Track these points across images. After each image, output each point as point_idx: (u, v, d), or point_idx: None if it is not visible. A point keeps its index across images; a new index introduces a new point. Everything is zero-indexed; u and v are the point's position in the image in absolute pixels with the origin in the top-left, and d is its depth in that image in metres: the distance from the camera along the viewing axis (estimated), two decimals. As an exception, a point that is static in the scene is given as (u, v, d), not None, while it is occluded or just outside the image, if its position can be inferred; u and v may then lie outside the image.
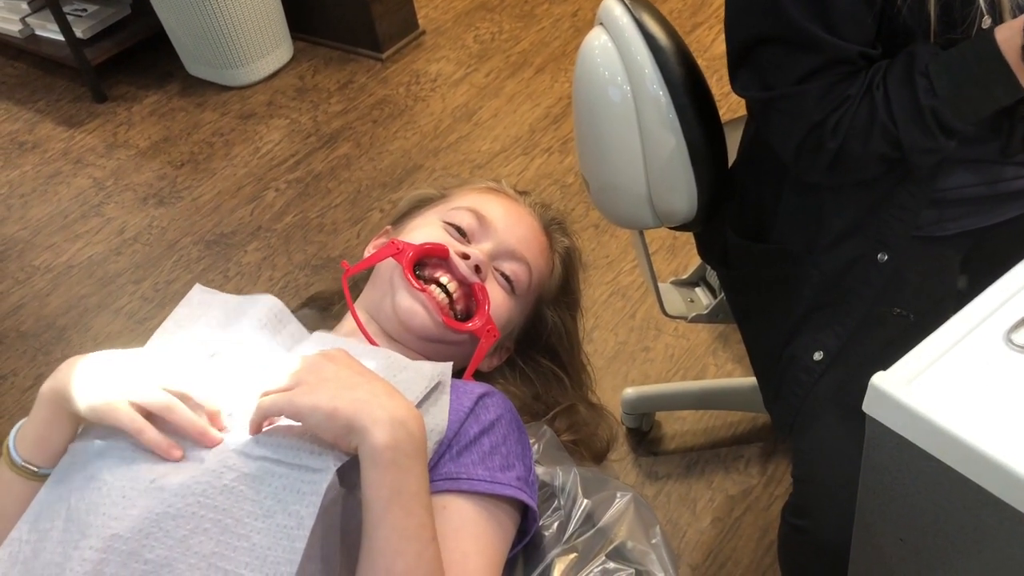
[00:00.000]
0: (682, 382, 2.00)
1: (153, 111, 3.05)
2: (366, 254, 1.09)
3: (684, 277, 1.69)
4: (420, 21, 3.21)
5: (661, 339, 2.11)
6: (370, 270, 1.07)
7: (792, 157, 1.10)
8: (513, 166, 2.64)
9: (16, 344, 2.31)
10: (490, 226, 1.05)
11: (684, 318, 1.59)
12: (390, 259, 1.01)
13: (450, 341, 0.99)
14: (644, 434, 1.92)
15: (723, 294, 1.51)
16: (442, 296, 0.99)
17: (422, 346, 0.99)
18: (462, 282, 1.00)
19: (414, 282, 0.98)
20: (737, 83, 1.13)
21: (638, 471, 1.86)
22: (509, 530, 0.88)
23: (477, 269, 1.00)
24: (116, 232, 2.61)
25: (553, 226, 1.14)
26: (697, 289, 1.67)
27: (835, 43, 1.01)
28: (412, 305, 0.97)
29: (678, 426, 1.93)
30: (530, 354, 1.11)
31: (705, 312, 1.59)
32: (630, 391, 1.87)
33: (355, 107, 2.95)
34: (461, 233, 1.05)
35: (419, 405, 0.86)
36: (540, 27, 3.19)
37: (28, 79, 3.30)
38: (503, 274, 1.04)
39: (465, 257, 1.00)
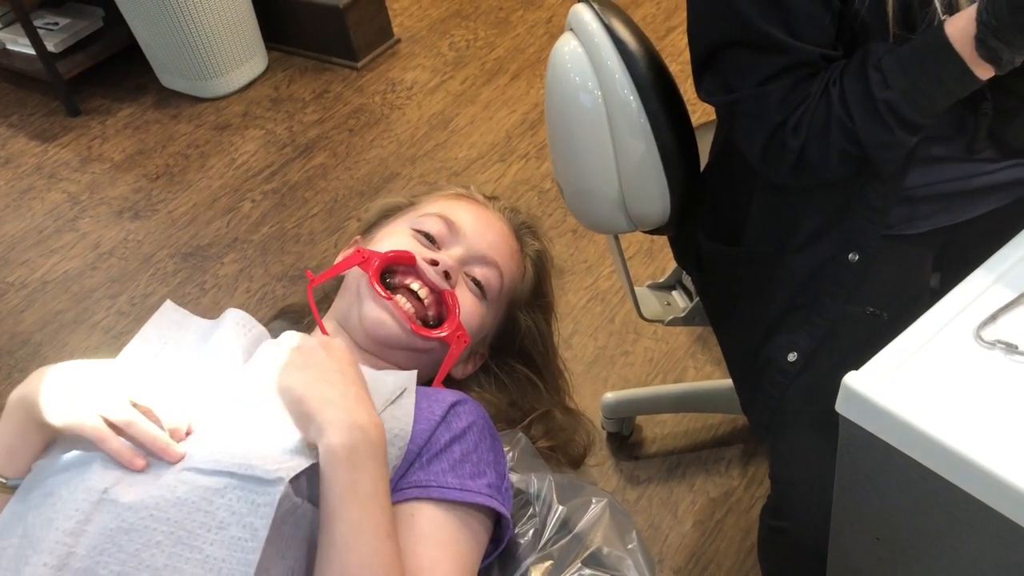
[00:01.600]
0: (661, 386, 2.00)
1: (127, 124, 3.03)
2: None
3: (661, 281, 1.69)
4: (395, 30, 3.21)
5: (640, 343, 2.11)
6: (340, 280, 1.06)
7: (758, 159, 1.10)
8: (490, 173, 2.64)
9: (-9, 362, 2.29)
10: (459, 231, 1.05)
11: (661, 321, 1.60)
12: (358, 268, 1.00)
13: (420, 348, 0.99)
14: (625, 438, 1.92)
15: (699, 297, 1.51)
16: (408, 305, 0.98)
17: (392, 355, 0.98)
18: (432, 289, 1.00)
19: (380, 291, 0.97)
20: (702, 89, 1.13)
21: (619, 475, 1.86)
22: (481, 537, 0.88)
23: (447, 275, 1.00)
24: (91, 247, 2.59)
25: (523, 230, 1.14)
26: (674, 292, 1.67)
27: (795, 46, 1.01)
28: (379, 315, 0.97)
29: (659, 430, 1.94)
30: (505, 360, 1.10)
31: (682, 315, 1.59)
32: (610, 395, 1.87)
33: (331, 116, 2.94)
34: (430, 240, 1.04)
35: (381, 412, 0.86)
36: (515, 34, 3.19)
37: (0, 94, 3.27)
38: (474, 279, 1.04)
39: (434, 263, 1.00)
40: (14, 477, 0.83)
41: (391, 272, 1.01)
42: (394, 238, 1.04)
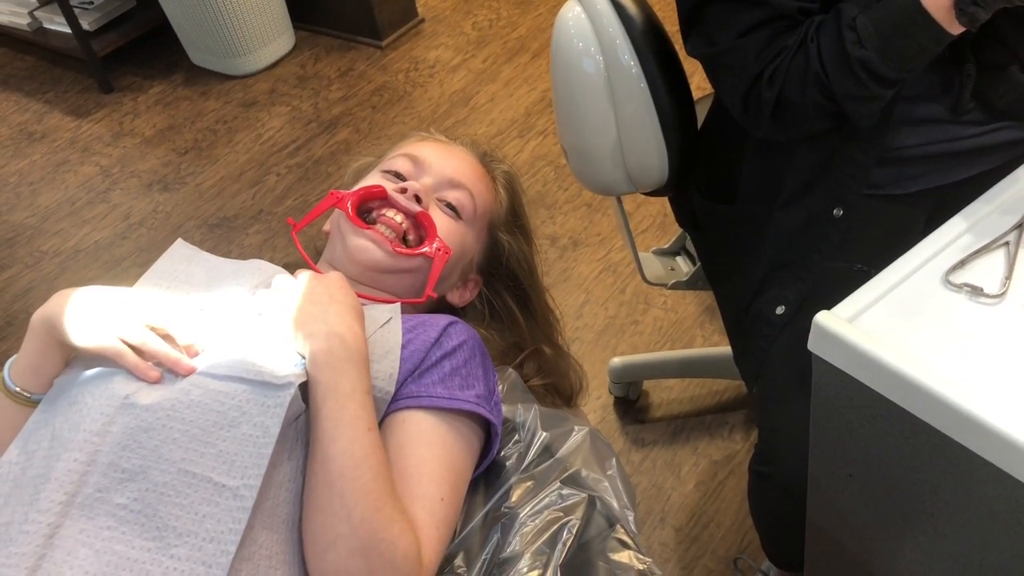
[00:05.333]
0: (666, 351, 2.04)
1: (158, 100, 3.12)
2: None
3: (665, 247, 1.74)
4: (419, 9, 3.27)
5: (650, 312, 2.16)
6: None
7: (739, 111, 1.14)
8: (509, 148, 2.69)
9: (26, 325, 2.36)
10: (424, 163, 1.12)
11: (664, 284, 1.64)
12: (338, 212, 1.07)
13: (406, 269, 1.05)
14: (632, 403, 1.97)
15: (698, 257, 1.55)
16: (388, 231, 1.05)
17: (383, 280, 1.05)
18: (407, 213, 1.06)
19: (359, 222, 1.05)
20: (689, 45, 1.18)
21: (625, 438, 1.91)
22: (472, 443, 0.95)
23: (417, 199, 1.06)
24: (122, 217, 2.68)
25: (487, 157, 1.20)
26: (678, 258, 1.72)
27: (775, 3, 1.06)
28: (361, 242, 1.04)
29: (665, 395, 1.98)
30: (497, 290, 1.16)
31: (685, 279, 1.64)
32: (617, 360, 1.92)
33: (355, 94, 3.00)
34: (400, 178, 1.11)
35: (371, 335, 0.93)
36: (537, 13, 3.24)
37: (37, 71, 3.37)
38: (447, 204, 1.10)
39: (403, 192, 1.07)
40: (37, 392, 0.91)
41: (367, 210, 1.08)
42: (365, 182, 1.12)
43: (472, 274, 1.15)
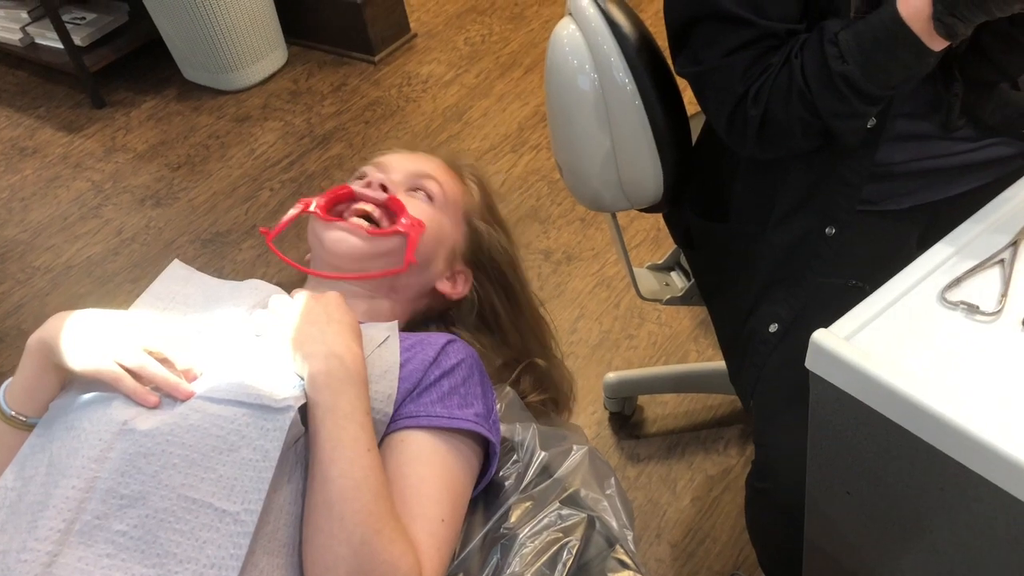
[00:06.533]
0: (661, 366, 2.05)
1: (150, 116, 3.12)
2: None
3: (659, 262, 1.74)
4: (412, 25, 3.28)
5: (644, 327, 2.16)
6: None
7: (725, 131, 1.15)
8: (502, 163, 2.69)
9: (17, 342, 2.36)
10: (388, 165, 1.13)
11: (659, 300, 1.64)
12: (311, 217, 1.08)
13: (385, 252, 1.05)
14: (627, 418, 1.97)
15: (692, 274, 1.56)
16: (359, 220, 1.05)
17: (366, 267, 1.05)
18: (376, 203, 1.07)
19: (330, 218, 1.05)
20: (677, 64, 1.19)
21: (620, 454, 1.91)
22: (472, 462, 0.94)
23: (384, 188, 1.07)
24: (114, 233, 2.67)
25: (451, 158, 1.21)
26: (672, 273, 1.72)
27: (762, 24, 1.06)
28: (336, 234, 1.04)
29: (660, 410, 1.98)
30: (486, 289, 1.16)
31: (679, 295, 1.64)
32: (611, 376, 1.92)
33: (348, 109, 3.01)
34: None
35: (370, 354, 0.93)
36: (529, 28, 3.25)
37: (29, 87, 3.36)
38: (415, 190, 1.11)
39: (368, 185, 1.08)
40: (33, 416, 0.90)
41: (339, 212, 1.08)
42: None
43: (459, 264, 1.15)
